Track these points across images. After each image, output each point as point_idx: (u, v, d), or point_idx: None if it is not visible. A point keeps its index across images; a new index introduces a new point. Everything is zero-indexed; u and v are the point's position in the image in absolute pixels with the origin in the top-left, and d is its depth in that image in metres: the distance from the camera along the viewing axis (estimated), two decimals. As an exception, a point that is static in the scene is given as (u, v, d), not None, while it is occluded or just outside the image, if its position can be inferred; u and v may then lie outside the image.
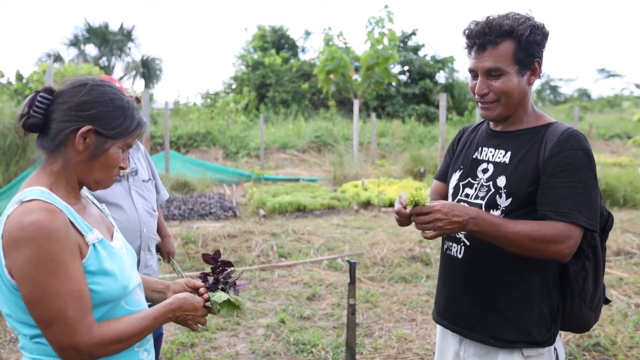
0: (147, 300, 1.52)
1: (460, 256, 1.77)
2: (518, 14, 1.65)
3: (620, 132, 21.32)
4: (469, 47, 1.70)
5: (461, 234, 1.76)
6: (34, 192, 1.22)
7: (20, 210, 1.18)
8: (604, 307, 4.26)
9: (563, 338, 3.68)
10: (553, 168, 1.60)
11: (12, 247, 1.16)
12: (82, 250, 1.23)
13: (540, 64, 1.68)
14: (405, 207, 1.59)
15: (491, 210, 1.69)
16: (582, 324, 1.75)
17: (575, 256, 1.64)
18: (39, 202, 1.20)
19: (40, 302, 1.16)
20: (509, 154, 1.71)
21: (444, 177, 1.99)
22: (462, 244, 1.77)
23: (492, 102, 1.68)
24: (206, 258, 1.62)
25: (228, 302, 1.46)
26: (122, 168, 1.37)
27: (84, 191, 1.45)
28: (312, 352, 3.60)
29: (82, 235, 1.25)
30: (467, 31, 1.69)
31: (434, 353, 3.55)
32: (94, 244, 1.26)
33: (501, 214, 1.66)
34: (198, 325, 1.45)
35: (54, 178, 1.29)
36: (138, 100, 2.43)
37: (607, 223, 1.74)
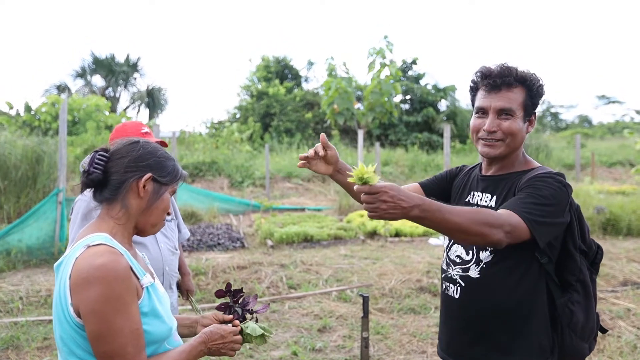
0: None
1: (457, 296, 1.85)
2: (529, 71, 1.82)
3: (623, 160, 21.40)
4: (482, 85, 1.82)
5: (456, 275, 1.86)
6: (100, 238, 1.36)
7: (90, 253, 1.31)
8: (613, 339, 4.30)
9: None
10: (523, 188, 1.71)
11: (82, 286, 1.27)
12: (138, 292, 1.36)
13: (535, 118, 1.85)
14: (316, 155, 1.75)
15: (481, 251, 1.79)
16: (575, 354, 1.81)
17: (562, 290, 1.76)
18: (105, 246, 1.33)
19: (105, 337, 1.27)
20: (494, 197, 1.84)
21: (426, 186, 2.08)
22: (457, 284, 1.85)
23: (498, 140, 1.80)
24: (219, 293, 1.74)
25: (261, 334, 1.59)
26: (169, 213, 1.51)
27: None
28: (325, 385, 3.65)
29: (138, 278, 1.38)
30: (484, 71, 1.82)
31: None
32: (147, 287, 1.39)
33: (490, 254, 1.77)
34: (234, 350, 1.56)
35: (113, 225, 1.42)
36: (165, 144, 2.55)
37: (596, 256, 1.84)
